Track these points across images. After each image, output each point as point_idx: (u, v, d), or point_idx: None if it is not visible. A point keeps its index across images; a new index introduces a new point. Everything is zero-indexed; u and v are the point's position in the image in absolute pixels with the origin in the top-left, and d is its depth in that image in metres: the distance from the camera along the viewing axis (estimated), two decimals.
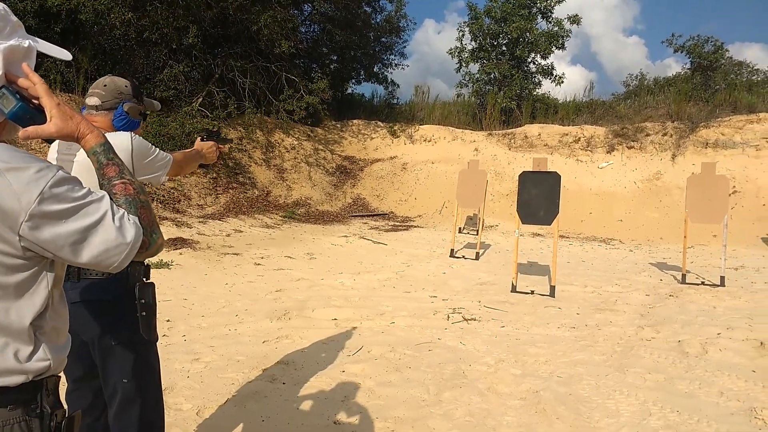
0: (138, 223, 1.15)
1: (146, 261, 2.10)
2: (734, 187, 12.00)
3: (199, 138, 2.56)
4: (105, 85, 2.03)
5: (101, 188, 1.20)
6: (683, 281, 7.07)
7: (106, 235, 1.09)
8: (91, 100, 2.01)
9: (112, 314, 1.90)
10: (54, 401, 1.16)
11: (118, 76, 2.10)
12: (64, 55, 1.28)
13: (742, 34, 59.00)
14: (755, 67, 20.27)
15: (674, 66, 43.76)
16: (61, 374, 1.23)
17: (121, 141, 1.90)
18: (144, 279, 1.97)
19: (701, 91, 16.96)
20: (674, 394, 3.47)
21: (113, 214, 1.11)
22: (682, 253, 7.36)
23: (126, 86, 2.05)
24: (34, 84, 1.14)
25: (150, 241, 1.18)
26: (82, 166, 1.87)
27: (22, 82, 1.15)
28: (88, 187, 1.12)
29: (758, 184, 12.08)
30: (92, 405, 2.05)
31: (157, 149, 2.07)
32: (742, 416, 3.15)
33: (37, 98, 1.15)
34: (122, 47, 13.17)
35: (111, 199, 1.15)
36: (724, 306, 5.85)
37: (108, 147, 1.24)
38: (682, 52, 18.89)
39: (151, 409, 2.01)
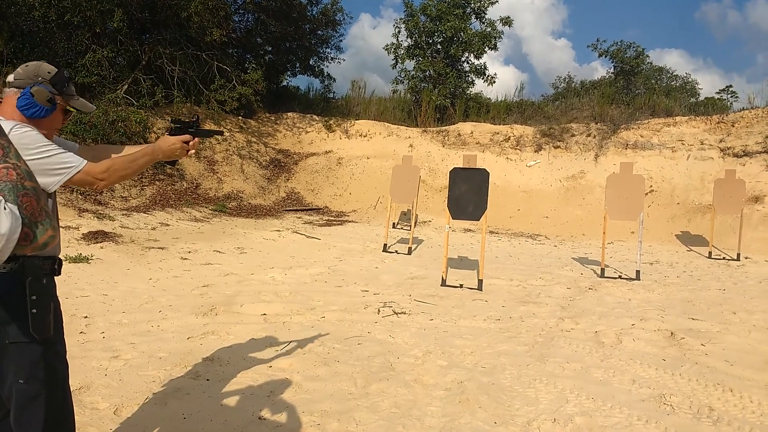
0: (16, 212, 1.06)
1: (59, 255, 1.98)
2: (651, 186, 12.72)
3: (166, 132, 2.17)
4: (27, 66, 1.97)
5: None
6: (602, 275, 7.42)
7: None
8: (10, 77, 1.96)
9: (2, 311, 1.76)
10: None
11: (36, 61, 2.02)
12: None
13: (663, 41, 62.60)
14: (674, 73, 21.63)
15: (600, 69, 45.82)
16: None
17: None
18: (47, 273, 1.85)
19: (623, 94, 17.89)
20: (590, 382, 3.63)
21: None
22: (602, 248, 7.73)
23: (48, 72, 1.97)
24: None
25: (33, 233, 1.09)
26: None
27: None
28: None
29: (673, 184, 12.85)
30: None
31: (58, 151, 1.83)
32: (652, 402, 3.33)
33: None
34: (42, 29, 12.41)
35: None
36: (638, 298, 6.19)
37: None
38: (606, 56, 19.86)
39: (55, 412, 1.89)
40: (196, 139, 2.24)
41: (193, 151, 2.21)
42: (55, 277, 1.95)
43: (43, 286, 1.81)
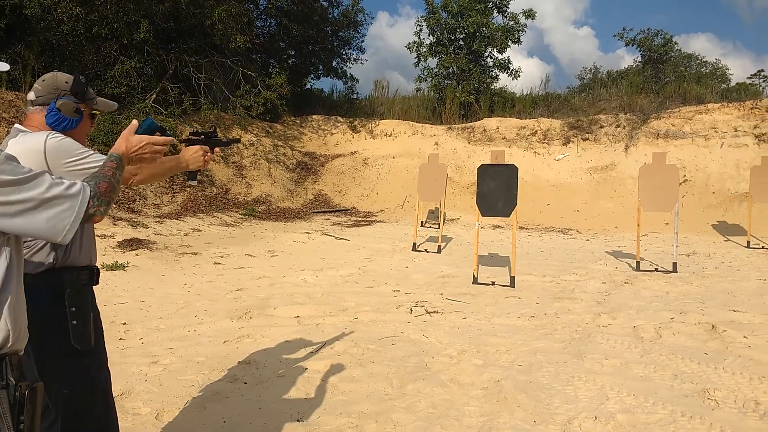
0: (84, 188, 1.34)
1: (96, 264, 2.02)
2: (684, 176, 12.42)
3: (184, 144, 2.22)
4: (44, 80, 1.93)
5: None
6: (637, 268, 7.28)
7: (55, 201, 1.27)
8: (30, 95, 1.92)
9: (43, 323, 1.78)
10: (18, 375, 1.28)
11: (66, 73, 1.99)
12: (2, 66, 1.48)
13: (689, 25, 60.81)
14: (703, 59, 21.05)
15: (626, 57, 44.93)
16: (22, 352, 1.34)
17: (35, 143, 1.76)
18: (85, 284, 1.88)
19: (652, 83, 17.49)
20: (630, 378, 3.56)
21: (58, 185, 1.29)
22: (636, 241, 7.58)
23: (66, 82, 1.92)
24: None
25: (97, 208, 1.37)
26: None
27: None
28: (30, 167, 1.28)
29: (707, 173, 12.53)
30: (46, 411, 1.95)
31: (93, 154, 1.84)
32: (695, 398, 3.26)
33: None
34: (71, 43, 12.70)
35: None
36: (676, 291, 6.05)
37: (116, 155, 1.62)
38: (633, 45, 19.46)
39: (99, 420, 1.93)
40: (216, 149, 2.29)
41: (210, 159, 2.26)
42: (94, 286, 1.99)
43: (83, 297, 1.84)
